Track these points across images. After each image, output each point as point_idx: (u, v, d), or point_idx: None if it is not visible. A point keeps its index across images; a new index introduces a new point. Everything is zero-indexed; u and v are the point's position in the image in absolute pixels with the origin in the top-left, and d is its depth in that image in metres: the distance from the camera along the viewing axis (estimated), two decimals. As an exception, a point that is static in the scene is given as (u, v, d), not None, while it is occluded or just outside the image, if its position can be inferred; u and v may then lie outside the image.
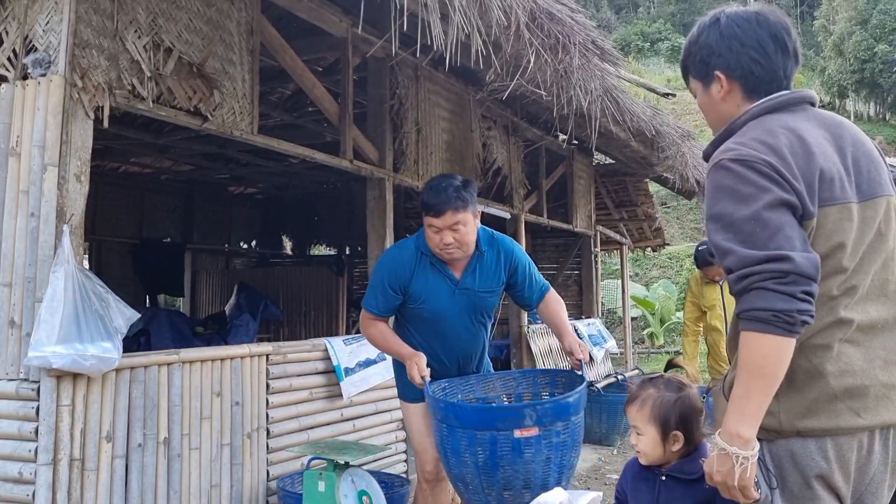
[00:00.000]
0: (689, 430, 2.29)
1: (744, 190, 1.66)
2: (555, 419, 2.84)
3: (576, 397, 2.90)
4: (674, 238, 17.33)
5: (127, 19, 3.38)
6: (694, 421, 2.31)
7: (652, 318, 15.81)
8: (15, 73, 3.23)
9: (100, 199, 9.44)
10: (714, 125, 1.97)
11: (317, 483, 3.65)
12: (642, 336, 16.18)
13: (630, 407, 2.36)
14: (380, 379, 4.93)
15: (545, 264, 10.40)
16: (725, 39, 1.86)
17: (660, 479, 2.32)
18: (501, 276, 3.40)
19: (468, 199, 3.24)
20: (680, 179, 8.17)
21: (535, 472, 2.85)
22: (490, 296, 3.43)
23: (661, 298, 15.94)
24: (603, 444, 7.31)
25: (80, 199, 3.16)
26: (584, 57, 4.64)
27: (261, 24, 4.27)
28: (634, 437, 2.35)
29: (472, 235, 3.28)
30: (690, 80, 2.00)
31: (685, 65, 2.01)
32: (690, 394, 2.35)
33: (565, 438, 2.89)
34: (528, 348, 7.54)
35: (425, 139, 5.85)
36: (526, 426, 2.80)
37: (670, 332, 15.91)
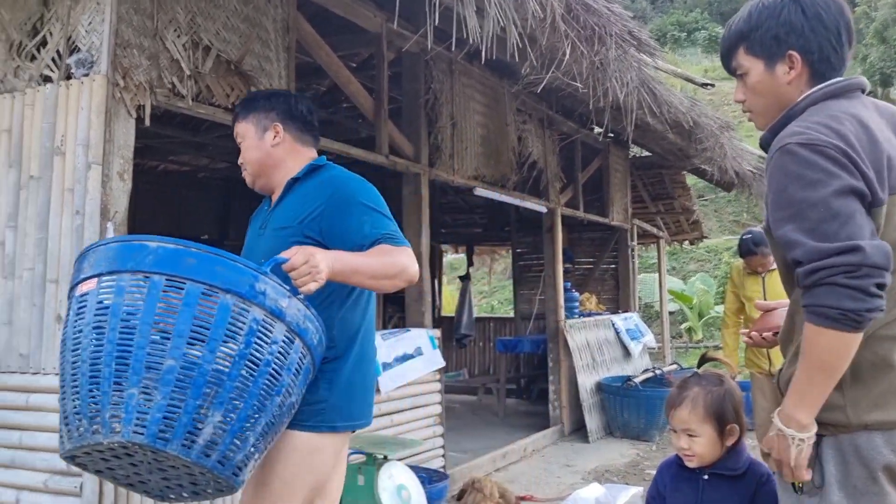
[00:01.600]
0: (742, 421, 2.24)
1: (811, 175, 1.59)
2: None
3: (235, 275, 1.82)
4: (712, 231, 17.08)
5: (167, 19, 3.43)
6: (742, 412, 2.26)
7: (690, 312, 15.63)
8: (59, 73, 3.28)
9: (139, 197, 9.55)
10: (765, 110, 1.85)
11: (356, 477, 3.68)
12: (680, 331, 16.01)
13: (677, 410, 2.25)
14: (417, 374, 4.95)
15: (581, 258, 10.34)
16: (810, 20, 1.75)
17: (703, 478, 2.24)
18: (306, 210, 2.35)
19: (248, 108, 2.59)
20: (718, 171, 8.06)
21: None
22: (284, 235, 2.35)
23: (699, 292, 15.76)
24: (641, 439, 7.26)
25: (124, 197, 3.21)
26: (621, 48, 4.60)
27: (297, 21, 4.29)
28: (685, 441, 2.23)
29: (253, 153, 2.56)
30: (743, 56, 1.84)
31: (742, 38, 1.84)
32: (733, 385, 2.30)
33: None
34: (564, 343, 7.50)
35: (460, 133, 5.84)
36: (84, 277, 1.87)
37: (709, 327, 15.73)
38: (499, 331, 10.82)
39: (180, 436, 1.72)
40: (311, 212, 2.34)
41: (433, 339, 5.21)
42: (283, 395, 1.87)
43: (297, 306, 1.90)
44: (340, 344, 2.30)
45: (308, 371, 1.99)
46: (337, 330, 2.30)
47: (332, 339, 2.25)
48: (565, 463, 6.37)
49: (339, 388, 2.27)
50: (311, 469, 2.23)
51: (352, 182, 2.40)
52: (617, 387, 7.55)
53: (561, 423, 7.44)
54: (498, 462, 6.13)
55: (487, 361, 10.82)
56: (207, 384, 1.74)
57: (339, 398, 2.27)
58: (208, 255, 1.81)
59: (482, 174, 6.17)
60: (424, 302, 5.35)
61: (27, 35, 3.42)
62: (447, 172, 5.66)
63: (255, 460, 1.88)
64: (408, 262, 2.25)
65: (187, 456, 1.73)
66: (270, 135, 2.52)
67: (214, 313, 1.77)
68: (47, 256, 3.21)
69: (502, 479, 5.47)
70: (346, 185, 2.38)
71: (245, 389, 1.78)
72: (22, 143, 3.34)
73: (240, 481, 1.85)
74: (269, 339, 1.83)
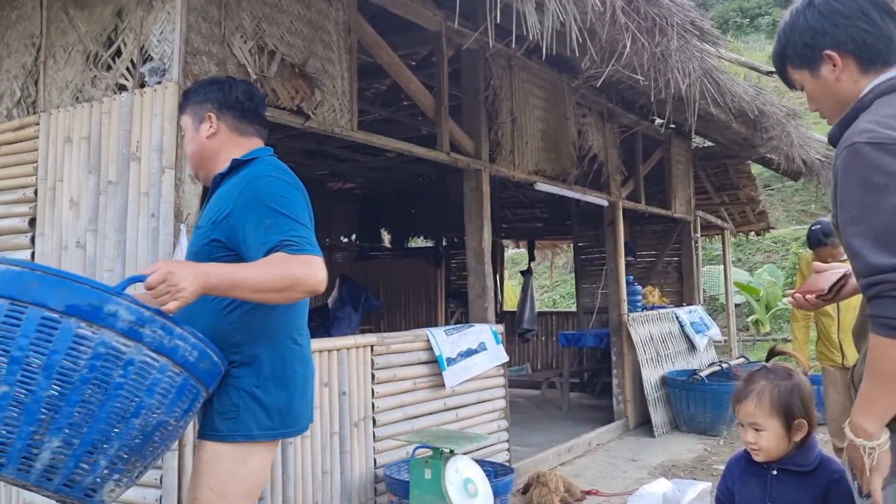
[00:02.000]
0: (811, 416, 2.19)
1: (878, 180, 1.53)
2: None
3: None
4: (779, 221, 16.66)
5: (233, 25, 3.53)
6: (812, 406, 2.21)
7: (757, 304, 15.29)
8: (133, 81, 3.42)
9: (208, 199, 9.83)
10: (831, 112, 1.84)
11: (423, 471, 3.73)
12: (747, 323, 15.67)
13: (743, 404, 2.22)
14: (481, 369, 4.98)
15: (644, 251, 10.23)
16: (827, 17, 1.77)
17: (771, 473, 2.21)
18: (219, 210, 2.25)
19: (186, 99, 2.48)
20: (785, 160, 7.88)
21: None
22: (198, 236, 2.33)
23: (767, 284, 15.39)
24: (708, 433, 7.16)
25: (195, 200, 3.32)
26: (683, 38, 4.55)
27: (357, 22, 4.36)
28: (752, 435, 2.20)
29: (190, 146, 2.46)
30: (792, 72, 1.88)
31: (783, 57, 1.88)
32: (803, 379, 2.25)
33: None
34: (628, 337, 7.44)
35: (520, 129, 5.85)
36: None
37: (777, 319, 15.36)
38: (561, 325, 10.78)
39: (15, 460, 1.74)
40: (222, 212, 2.22)
41: (496, 334, 5.24)
42: (144, 416, 1.85)
43: (158, 325, 1.85)
44: (246, 349, 2.20)
45: (186, 388, 1.95)
46: (241, 336, 2.21)
47: (236, 344, 2.19)
48: (630, 457, 6.33)
49: (250, 394, 2.18)
50: (241, 478, 2.18)
51: (259, 180, 2.20)
52: (682, 381, 7.46)
53: (625, 417, 7.39)
54: (563, 456, 6.13)
55: (550, 356, 10.80)
56: (42, 410, 1.73)
57: (252, 405, 2.18)
58: (53, 278, 1.77)
59: (542, 169, 6.17)
60: (487, 297, 5.38)
61: (103, 46, 3.56)
62: (507, 168, 5.68)
63: (116, 480, 1.89)
64: (303, 273, 2.04)
65: (26, 479, 1.75)
66: (206, 126, 2.39)
67: (54, 338, 1.74)
68: (125, 258, 3.34)
69: (567, 474, 5.48)
70: (253, 183, 2.19)
71: (91, 414, 1.77)
72: (100, 150, 3.48)
73: (97, 500, 1.86)
74: (122, 361, 1.80)
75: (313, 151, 8.85)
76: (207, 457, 2.20)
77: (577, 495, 5.03)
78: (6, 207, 3.85)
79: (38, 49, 3.84)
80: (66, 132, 3.61)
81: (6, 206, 3.85)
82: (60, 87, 3.72)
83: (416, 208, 12.07)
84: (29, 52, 3.88)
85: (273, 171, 2.24)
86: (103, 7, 3.58)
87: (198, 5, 3.35)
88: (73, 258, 3.53)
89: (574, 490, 5.04)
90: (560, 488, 4.92)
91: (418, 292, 10.68)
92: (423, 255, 11.74)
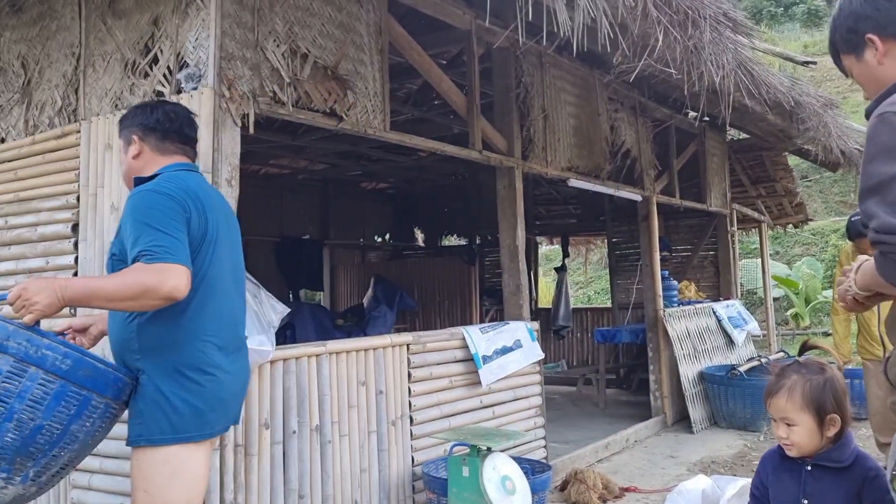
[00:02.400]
0: (844, 411, 2.17)
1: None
2: None
3: None
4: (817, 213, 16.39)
5: (266, 30, 3.57)
6: (846, 402, 2.18)
7: (796, 298, 15.07)
8: (170, 88, 3.48)
9: (244, 200, 9.92)
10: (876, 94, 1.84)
11: (461, 468, 3.75)
12: (786, 317, 15.45)
13: (774, 399, 2.20)
14: (517, 366, 4.99)
15: (679, 246, 10.14)
16: (870, 2, 1.79)
17: (805, 468, 2.18)
18: (118, 227, 2.44)
19: (120, 124, 2.64)
20: (823, 151, 7.75)
21: None
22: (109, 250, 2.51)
23: (806, 277, 15.16)
24: (748, 429, 7.08)
25: (232, 203, 3.37)
26: (716, 30, 4.50)
27: (388, 23, 4.39)
28: (784, 430, 2.18)
29: (122, 168, 2.63)
30: (842, 58, 1.90)
31: (833, 45, 1.92)
32: (836, 374, 2.22)
33: None
34: (664, 332, 7.39)
35: (552, 125, 5.83)
36: None
37: (816, 313, 15.13)
38: (596, 321, 10.73)
39: None
40: (118, 228, 2.42)
41: (532, 332, 5.24)
42: (17, 421, 2.07)
43: (24, 338, 2.07)
44: (147, 356, 2.33)
45: (65, 395, 2.14)
46: (141, 343, 2.34)
47: (137, 351, 2.34)
48: (669, 454, 6.29)
49: (154, 399, 2.29)
50: (169, 480, 2.28)
51: (135, 196, 2.36)
52: (721, 376, 7.39)
53: (663, 413, 7.34)
54: (600, 453, 6.11)
55: (586, 352, 10.76)
56: None
57: (155, 410, 2.29)
58: None
59: (575, 165, 6.15)
60: (522, 295, 5.38)
61: (140, 54, 3.63)
62: (540, 165, 5.67)
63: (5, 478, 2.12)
64: (154, 281, 2.15)
65: None
66: (132, 147, 2.57)
67: None
68: (166, 261, 3.40)
69: (605, 470, 5.46)
70: (130, 199, 2.36)
71: None
72: (139, 156, 3.55)
73: None
74: None
75: (346, 153, 8.92)
76: (134, 462, 2.35)
77: (616, 492, 5.01)
78: (50, 214, 3.94)
79: (78, 58, 3.92)
80: (107, 139, 3.69)
81: (50, 213, 3.94)
82: (100, 95, 3.80)
83: (449, 207, 12.10)
84: (69, 61, 3.97)
85: (154, 185, 2.38)
86: (140, 15, 3.65)
87: (232, 11, 3.40)
88: (115, 262, 3.61)
89: (612, 487, 5.02)
90: (598, 485, 4.90)
91: (452, 291, 10.70)
92: (456, 254, 11.76)
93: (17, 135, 4.22)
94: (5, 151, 4.23)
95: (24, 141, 4.13)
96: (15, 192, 4.12)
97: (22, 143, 4.14)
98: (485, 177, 9.26)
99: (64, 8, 4.02)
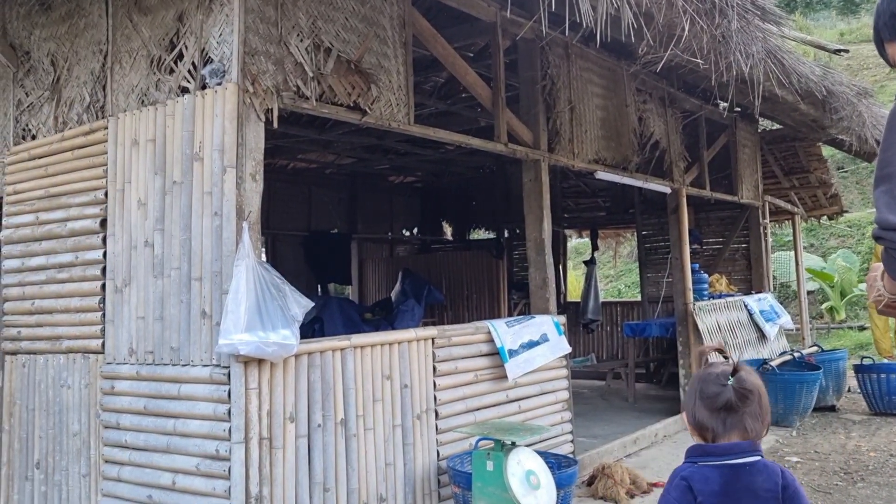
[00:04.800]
0: (689, 414, 1.93)
1: None
2: None
3: None
4: (853, 204, 16.11)
5: (289, 25, 3.58)
6: (696, 405, 1.92)
7: (831, 291, 14.82)
8: (195, 84, 3.50)
9: (272, 194, 10.02)
10: None
11: (485, 462, 3.74)
12: (821, 311, 15.21)
13: None
14: (543, 360, 4.96)
15: (710, 238, 10.02)
16: None
17: None
18: None
19: None
20: (857, 141, 7.60)
21: None
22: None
23: (841, 270, 14.90)
24: (780, 424, 6.97)
25: (256, 197, 3.39)
26: (744, 19, 4.42)
27: (412, 15, 4.37)
28: None
29: None
30: (885, 45, 1.81)
31: (877, 31, 1.83)
32: (700, 375, 1.94)
33: None
34: (694, 326, 7.30)
35: (579, 117, 5.78)
36: None
37: (852, 306, 14.86)
38: (626, 315, 10.64)
39: None
40: None
41: (558, 325, 5.21)
42: None
43: None
44: None
45: None
46: None
47: None
48: (699, 449, 6.21)
49: None
50: None
51: None
52: (752, 370, 7.28)
53: (693, 408, 7.24)
54: (628, 448, 6.06)
55: (615, 346, 10.68)
56: None
57: None
58: None
59: (603, 157, 6.09)
60: (549, 288, 5.35)
61: (165, 50, 3.66)
62: (567, 157, 5.62)
63: None
64: None
65: None
66: None
67: None
68: (191, 256, 3.44)
69: (633, 465, 5.41)
70: None
71: None
72: (165, 151, 3.59)
73: None
74: None
75: (374, 146, 8.94)
76: None
77: (644, 487, 4.96)
78: (79, 209, 4.00)
79: (105, 55, 3.97)
80: (133, 135, 3.73)
81: (79, 209, 4.00)
82: (127, 92, 3.84)
83: (476, 200, 12.07)
84: (97, 58, 4.02)
85: None
86: (165, 11, 3.68)
87: (255, 6, 3.41)
88: (142, 257, 3.65)
89: (640, 482, 4.97)
90: (626, 480, 4.86)
91: (480, 284, 10.68)
92: (484, 247, 11.73)
93: (48, 131, 4.28)
94: (36, 148, 4.29)
95: (54, 137, 4.19)
96: (45, 188, 4.19)
97: (52, 139, 4.21)
98: (512, 169, 9.23)
99: (91, 5, 4.06)
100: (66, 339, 4.04)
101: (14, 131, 4.53)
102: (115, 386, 3.76)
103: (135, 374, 3.66)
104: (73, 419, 3.98)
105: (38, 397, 4.19)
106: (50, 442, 4.10)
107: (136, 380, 3.66)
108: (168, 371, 3.52)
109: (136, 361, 3.67)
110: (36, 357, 4.22)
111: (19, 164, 4.38)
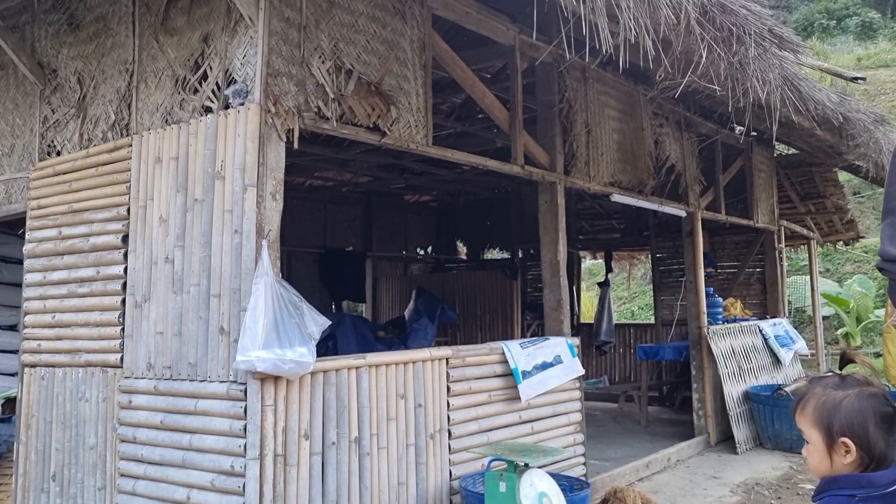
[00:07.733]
0: (859, 437, 1.84)
1: None
2: None
3: None
4: (869, 230, 16.01)
5: (312, 47, 3.64)
6: (871, 427, 1.85)
7: (847, 316, 14.71)
8: (218, 104, 3.57)
9: (288, 212, 10.03)
10: None
11: (498, 484, 3.75)
12: (836, 336, 15.10)
13: (794, 409, 1.96)
14: (557, 382, 4.97)
15: (725, 262, 9.99)
16: None
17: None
18: None
19: None
20: (874, 167, 7.60)
21: None
22: None
23: (857, 295, 14.80)
24: (794, 451, 6.92)
25: (276, 216, 3.44)
26: (761, 47, 4.46)
27: (432, 38, 4.43)
28: (805, 447, 1.93)
29: None
30: None
31: None
32: (867, 393, 1.89)
33: None
34: (708, 350, 7.28)
35: (595, 140, 5.82)
36: None
37: (868, 332, 14.75)
38: (639, 337, 10.61)
39: None
40: None
41: (572, 347, 5.22)
42: None
43: None
44: None
45: None
46: None
47: None
48: (712, 475, 6.19)
49: None
50: None
51: None
52: (766, 396, 7.25)
53: (706, 432, 7.22)
54: (641, 472, 6.03)
55: (628, 368, 10.64)
56: None
57: None
58: None
59: (619, 180, 6.12)
60: (563, 310, 5.36)
61: (190, 70, 3.73)
62: (583, 180, 5.66)
63: None
64: None
65: None
66: None
67: None
68: (210, 273, 3.49)
69: (645, 489, 5.39)
70: None
71: None
72: (187, 170, 3.65)
73: None
74: None
75: (390, 166, 9.00)
76: None
77: (656, 512, 4.94)
78: (101, 225, 4.06)
79: (131, 74, 4.04)
80: (157, 153, 3.79)
81: (102, 224, 4.06)
82: (151, 111, 3.91)
83: (491, 220, 12.10)
84: (123, 77, 4.10)
85: None
86: (191, 33, 3.75)
87: (279, 29, 3.48)
88: (162, 273, 3.70)
89: (652, 506, 4.95)
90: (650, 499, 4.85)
91: (494, 304, 10.69)
92: (498, 267, 11.74)
93: (73, 148, 4.36)
94: (61, 164, 4.37)
95: (79, 154, 4.27)
96: (69, 204, 4.26)
97: (76, 156, 4.28)
98: (527, 190, 9.25)
99: (119, 25, 4.15)
100: (85, 353, 4.10)
101: (40, 147, 4.62)
102: (133, 400, 3.80)
103: (152, 388, 3.70)
104: (90, 432, 4.02)
105: (55, 410, 4.24)
106: (66, 454, 4.14)
107: (153, 394, 3.70)
108: (185, 386, 3.55)
109: (154, 376, 3.71)
110: (55, 370, 4.27)
111: (44, 180, 4.46)
